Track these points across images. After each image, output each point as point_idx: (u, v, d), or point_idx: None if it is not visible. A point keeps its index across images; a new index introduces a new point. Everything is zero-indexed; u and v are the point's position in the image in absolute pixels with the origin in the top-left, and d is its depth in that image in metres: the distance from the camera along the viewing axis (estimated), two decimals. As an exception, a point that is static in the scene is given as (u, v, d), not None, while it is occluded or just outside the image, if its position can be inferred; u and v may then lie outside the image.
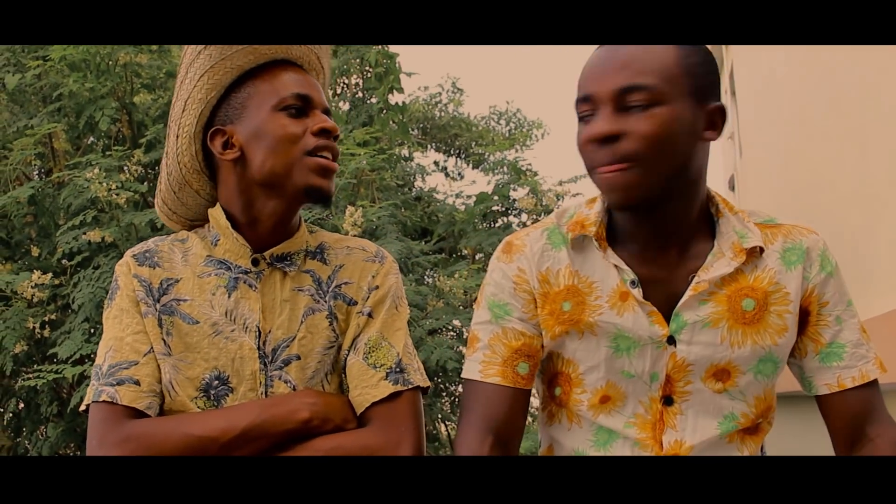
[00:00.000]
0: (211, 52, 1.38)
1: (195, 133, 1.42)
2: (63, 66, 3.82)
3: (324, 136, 1.38)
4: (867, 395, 1.37)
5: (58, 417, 3.64)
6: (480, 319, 1.42)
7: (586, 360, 1.39)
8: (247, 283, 1.40)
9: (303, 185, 1.36)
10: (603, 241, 1.36)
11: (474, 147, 7.55)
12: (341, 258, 1.47)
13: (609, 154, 1.25)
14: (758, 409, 1.40)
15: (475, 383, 1.39)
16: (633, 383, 1.38)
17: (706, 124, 1.29)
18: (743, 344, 1.35)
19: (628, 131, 1.24)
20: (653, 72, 1.24)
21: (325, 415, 1.35)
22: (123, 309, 1.39)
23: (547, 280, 1.39)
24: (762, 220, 1.41)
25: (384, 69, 4.74)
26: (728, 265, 1.33)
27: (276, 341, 1.39)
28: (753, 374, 1.38)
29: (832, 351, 1.38)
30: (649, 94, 1.23)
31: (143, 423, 1.32)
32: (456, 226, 4.36)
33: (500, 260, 1.42)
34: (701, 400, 1.37)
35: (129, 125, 3.95)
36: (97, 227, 3.34)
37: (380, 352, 1.41)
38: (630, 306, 1.35)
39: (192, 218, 1.52)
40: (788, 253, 1.38)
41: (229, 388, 1.38)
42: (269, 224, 1.41)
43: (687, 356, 1.35)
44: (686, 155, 1.27)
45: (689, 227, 1.35)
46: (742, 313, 1.35)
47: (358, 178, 3.82)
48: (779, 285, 1.36)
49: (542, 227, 1.42)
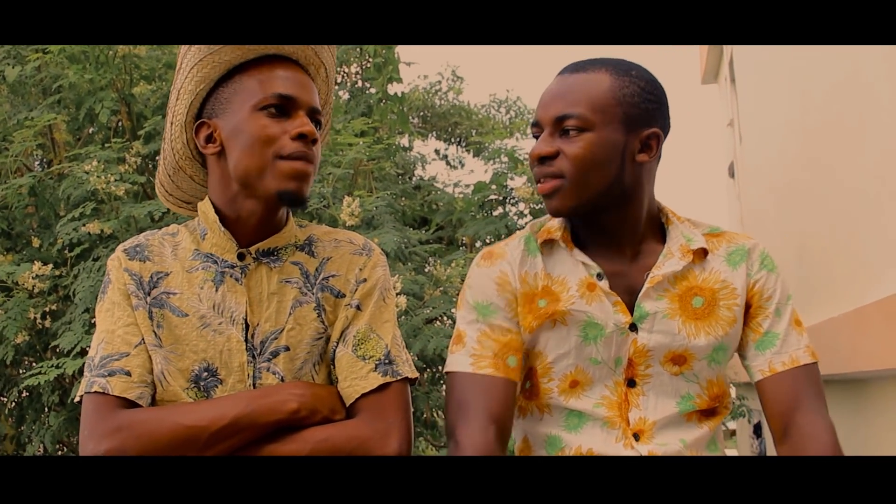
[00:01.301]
0: (202, 45, 1.39)
1: (186, 122, 1.44)
2: (62, 58, 3.83)
3: (301, 141, 1.37)
4: (798, 380, 1.49)
5: (59, 406, 3.67)
6: (466, 319, 1.53)
7: (557, 349, 1.51)
8: (233, 277, 1.42)
9: (274, 188, 1.37)
10: (569, 243, 1.53)
11: (474, 135, 7.56)
12: (329, 250, 1.48)
13: (545, 170, 1.47)
14: (710, 393, 1.54)
15: (467, 375, 1.47)
16: (599, 369, 1.51)
17: (639, 148, 1.47)
18: (697, 335, 1.51)
19: (562, 152, 1.45)
20: (584, 102, 1.45)
21: (314, 406, 1.37)
22: (115, 302, 1.42)
23: (526, 281, 1.53)
24: (707, 229, 1.58)
25: (383, 59, 4.75)
26: (677, 263, 1.51)
27: (265, 334, 1.41)
28: (707, 361, 1.52)
29: (766, 339, 1.53)
30: (579, 121, 1.44)
31: (134, 413, 1.35)
32: (454, 215, 4.37)
33: (482, 266, 1.55)
34: (660, 382, 1.52)
35: (129, 116, 3.96)
36: (97, 218, 3.36)
37: (369, 343, 1.43)
38: (597, 296, 1.50)
39: (188, 200, 1.56)
40: (733, 255, 1.55)
41: (218, 379, 1.40)
42: (251, 221, 1.42)
43: (647, 342, 1.50)
44: (614, 174, 1.46)
45: (639, 233, 1.53)
46: (693, 310, 1.51)
47: (356, 168, 3.83)
48: (725, 282, 1.53)
49: (519, 237, 1.58)
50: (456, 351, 1.50)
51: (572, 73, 1.49)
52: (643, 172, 1.49)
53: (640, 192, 1.50)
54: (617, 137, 1.45)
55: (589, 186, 1.45)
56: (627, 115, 1.45)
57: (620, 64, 1.49)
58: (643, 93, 1.47)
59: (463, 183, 5.17)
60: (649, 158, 1.48)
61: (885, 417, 2.71)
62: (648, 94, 1.47)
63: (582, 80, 1.47)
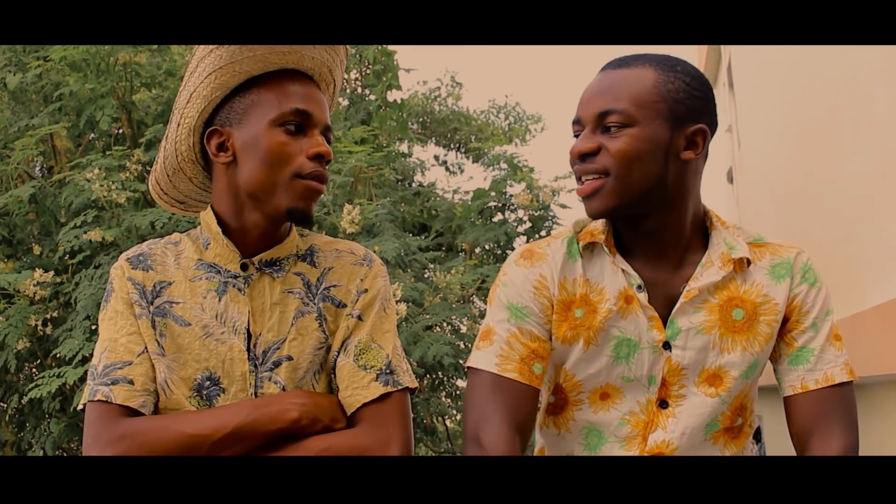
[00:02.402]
0: (221, 52, 1.38)
1: (195, 126, 1.43)
2: (63, 65, 3.85)
3: (317, 161, 1.38)
4: (827, 401, 1.44)
5: (60, 413, 3.68)
6: (498, 317, 1.48)
7: (587, 370, 1.47)
8: (236, 287, 1.43)
9: (286, 205, 1.38)
10: (612, 248, 1.47)
11: (473, 141, 7.57)
12: (330, 261, 1.49)
13: (586, 167, 1.41)
14: (732, 406, 1.48)
15: (492, 376, 1.44)
16: (631, 387, 1.47)
17: (685, 145, 1.41)
18: (733, 350, 1.46)
19: (604, 149, 1.39)
20: (628, 97, 1.39)
21: (315, 415, 1.38)
22: (118, 311, 1.43)
23: (565, 287, 1.48)
24: (751, 238, 1.52)
25: (382, 66, 4.76)
26: (716, 274, 1.44)
27: (267, 344, 1.42)
28: (741, 378, 1.47)
29: (801, 354, 1.47)
30: (622, 116, 1.38)
31: (136, 422, 1.36)
32: (454, 221, 4.38)
33: (521, 265, 1.50)
34: (693, 404, 1.47)
35: (129, 124, 3.98)
36: (98, 226, 3.37)
37: (370, 353, 1.44)
38: (633, 310, 1.45)
39: (182, 200, 1.55)
40: (777, 268, 1.49)
41: (220, 388, 1.41)
42: (254, 232, 1.43)
43: (681, 360, 1.45)
44: (659, 172, 1.40)
45: (684, 239, 1.47)
46: (732, 322, 1.45)
47: (356, 175, 3.85)
48: (767, 297, 1.47)
49: (562, 238, 1.53)
50: (483, 347, 1.47)
51: (615, 69, 1.43)
52: (689, 171, 1.43)
53: (686, 193, 1.44)
54: (661, 133, 1.39)
55: (632, 185, 1.39)
56: (672, 110, 1.39)
57: (666, 59, 1.43)
58: (689, 88, 1.41)
59: (462, 189, 5.18)
60: (695, 156, 1.42)
61: (884, 422, 2.72)
62: (694, 90, 1.41)
63: (625, 76, 1.41)
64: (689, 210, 1.46)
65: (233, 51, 1.37)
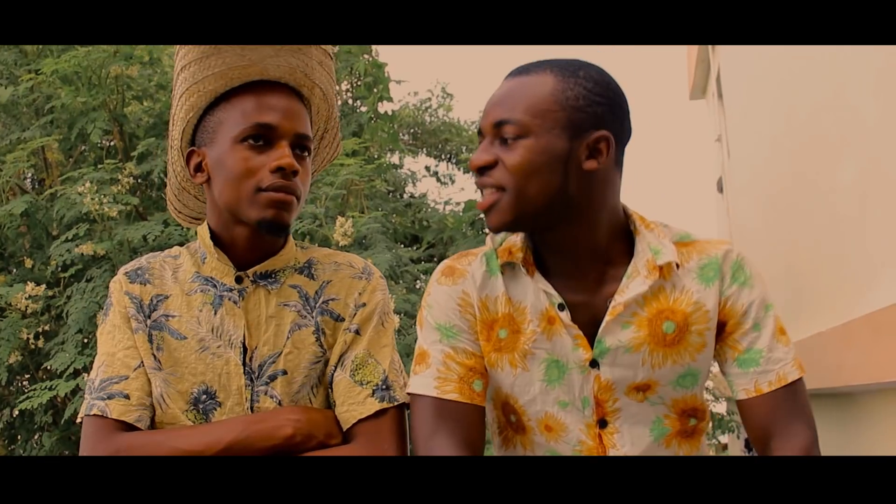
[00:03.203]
0: (187, 74, 1.39)
1: (181, 147, 1.45)
2: (55, 78, 3.85)
3: (279, 174, 1.37)
4: (785, 397, 1.41)
5: (52, 426, 3.67)
6: (430, 339, 1.45)
7: (524, 394, 1.45)
8: (231, 301, 1.43)
9: (255, 218, 1.38)
10: (531, 267, 1.42)
11: (465, 152, 7.58)
12: (329, 274, 1.49)
13: (484, 181, 1.35)
14: (677, 409, 1.45)
15: (433, 400, 1.40)
16: (568, 413, 1.44)
17: (587, 154, 1.34)
18: (663, 364, 1.41)
19: (500, 162, 1.33)
20: (524, 106, 1.33)
21: (309, 431, 1.39)
22: (116, 325, 1.44)
23: (486, 307, 1.44)
24: (677, 237, 1.45)
25: (373, 78, 4.78)
26: (643, 283, 1.38)
27: (263, 357, 1.42)
28: (672, 386, 1.44)
29: (749, 357, 1.42)
30: (517, 127, 1.32)
31: (131, 437, 1.37)
32: (445, 232, 4.40)
33: (443, 283, 1.47)
34: (629, 413, 1.43)
35: (121, 136, 3.98)
36: (90, 240, 3.37)
37: (366, 369, 1.44)
38: (557, 330, 1.41)
39: (197, 217, 1.58)
40: (705, 269, 1.42)
41: (217, 402, 1.41)
42: (245, 245, 1.44)
43: (611, 377, 1.41)
44: (558, 184, 1.33)
45: (601, 252, 1.40)
46: (663, 336, 1.40)
47: (347, 188, 3.86)
48: (698, 304, 1.41)
49: (481, 253, 1.48)
50: (420, 371, 1.43)
51: (516, 77, 1.37)
52: (595, 182, 1.35)
53: (594, 204, 1.36)
54: (559, 144, 1.32)
55: (529, 199, 1.32)
56: (570, 119, 1.32)
57: (569, 64, 1.36)
58: (589, 94, 1.33)
59: (454, 200, 5.19)
60: (598, 165, 1.34)
61: (872, 431, 2.74)
62: (596, 96, 1.34)
63: (523, 84, 1.35)
64: (602, 221, 1.39)
65: (194, 70, 1.38)
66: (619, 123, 1.37)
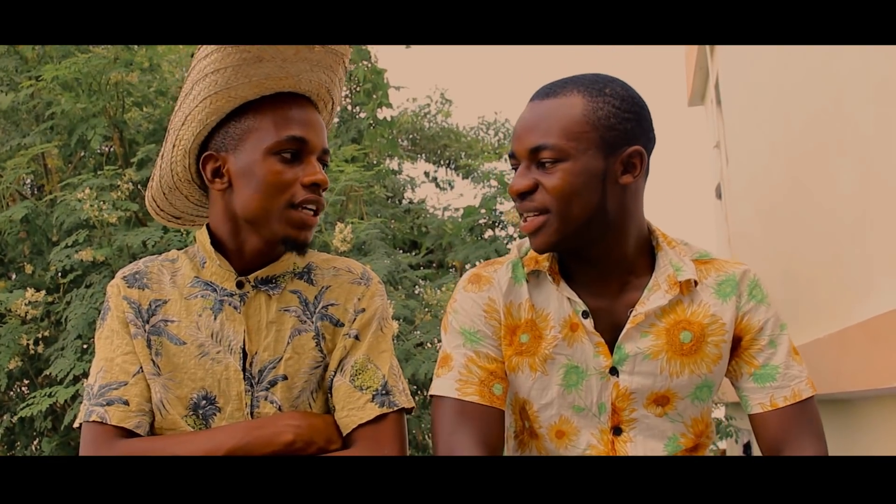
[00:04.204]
0: (218, 78, 1.36)
1: (190, 149, 1.43)
2: (55, 85, 3.86)
3: (312, 190, 1.39)
4: (798, 413, 1.45)
5: (52, 432, 3.67)
6: (453, 343, 1.50)
7: (540, 399, 1.49)
8: (231, 306, 1.43)
9: (280, 234, 1.39)
10: (557, 276, 1.48)
11: (463, 158, 7.59)
12: (328, 279, 1.50)
13: (526, 206, 1.41)
14: (695, 430, 1.51)
15: (454, 402, 1.44)
16: (583, 417, 1.48)
17: (622, 170, 1.40)
18: (681, 373, 1.46)
19: (541, 186, 1.39)
20: (558, 130, 1.37)
21: (309, 437, 1.39)
22: (114, 330, 1.43)
23: (510, 313, 1.49)
24: (696, 255, 1.51)
25: (372, 84, 4.79)
26: (663, 297, 1.44)
27: (263, 363, 1.43)
28: (691, 399, 1.49)
29: (766, 372, 1.47)
30: (554, 151, 1.37)
31: (131, 443, 1.37)
32: (444, 238, 4.40)
33: (469, 290, 1.52)
34: (646, 425, 1.48)
35: (121, 143, 3.99)
36: (90, 246, 3.38)
37: (366, 374, 1.44)
38: (579, 337, 1.46)
39: (178, 216, 1.56)
40: (722, 286, 1.48)
41: (216, 407, 1.41)
42: (252, 253, 1.44)
43: (629, 385, 1.46)
44: (598, 201, 1.39)
45: (627, 263, 1.47)
46: (680, 345, 1.46)
47: (347, 194, 3.87)
48: (715, 317, 1.47)
49: (507, 262, 1.53)
50: (442, 374, 1.48)
51: (543, 99, 1.41)
52: (628, 195, 1.42)
53: (627, 216, 1.43)
54: (596, 163, 1.37)
55: (572, 219, 1.38)
56: (604, 138, 1.37)
57: (594, 83, 1.41)
58: (619, 112, 1.39)
59: (452, 206, 5.19)
60: (633, 179, 1.41)
61: (869, 437, 2.74)
62: (625, 113, 1.39)
63: (554, 107, 1.39)
64: (632, 233, 1.45)
65: (229, 76, 1.36)
66: (646, 136, 1.43)
